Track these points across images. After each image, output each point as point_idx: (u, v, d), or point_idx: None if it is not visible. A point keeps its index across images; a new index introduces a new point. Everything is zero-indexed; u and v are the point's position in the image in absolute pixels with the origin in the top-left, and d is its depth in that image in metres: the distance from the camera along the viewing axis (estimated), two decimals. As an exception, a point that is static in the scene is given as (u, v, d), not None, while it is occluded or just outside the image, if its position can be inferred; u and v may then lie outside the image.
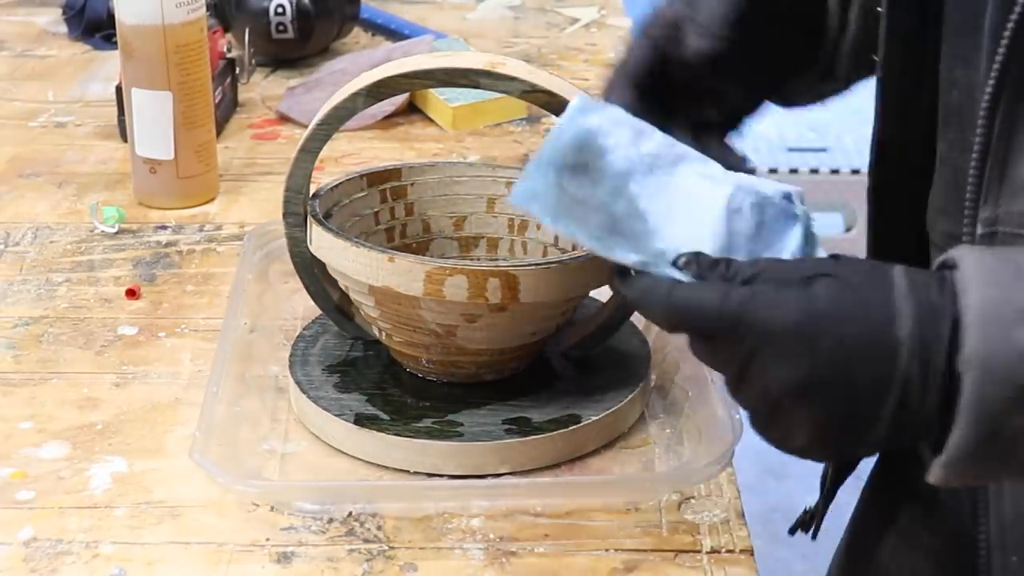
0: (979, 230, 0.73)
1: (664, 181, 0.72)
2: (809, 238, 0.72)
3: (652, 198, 0.71)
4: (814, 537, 0.93)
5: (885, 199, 0.83)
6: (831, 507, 0.93)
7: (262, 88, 1.52)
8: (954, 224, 0.75)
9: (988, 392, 0.61)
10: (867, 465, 0.82)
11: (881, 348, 0.63)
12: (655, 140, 0.73)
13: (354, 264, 0.86)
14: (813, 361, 0.63)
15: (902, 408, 0.63)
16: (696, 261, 0.67)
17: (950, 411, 0.62)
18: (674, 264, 0.66)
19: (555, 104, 0.85)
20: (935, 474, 0.64)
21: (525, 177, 0.71)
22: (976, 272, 0.63)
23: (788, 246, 0.71)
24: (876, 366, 0.63)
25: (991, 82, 0.68)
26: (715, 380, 0.91)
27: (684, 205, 0.71)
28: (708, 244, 0.69)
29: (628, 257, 0.69)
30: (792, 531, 0.95)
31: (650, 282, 0.67)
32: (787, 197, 0.71)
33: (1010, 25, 0.67)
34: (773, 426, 0.66)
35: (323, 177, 1.11)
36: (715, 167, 0.73)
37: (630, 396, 0.90)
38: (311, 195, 0.93)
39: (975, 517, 0.79)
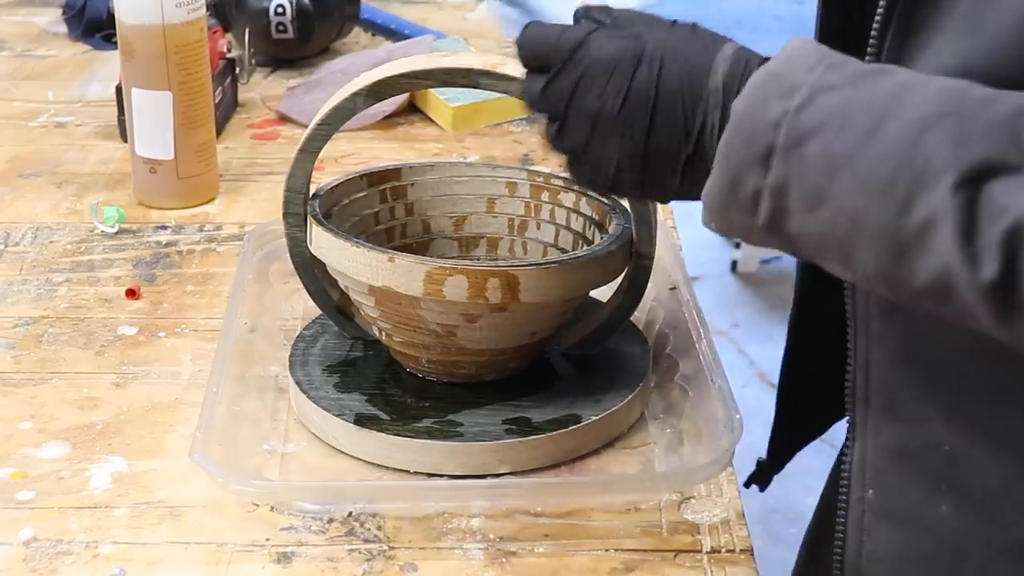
0: None
1: None
2: None
3: None
4: (762, 489, 0.96)
5: None
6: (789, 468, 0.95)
7: (262, 88, 1.52)
8: None
9: (734, 144, 0.67)
10: (840, 434, 0.83)
11: (690, 94, 0.70)
12: None
13: (354, 264, 0.86)
14: (628, 94, 0.71)
15: (697, 153, 0.71)
16: (586, 7, 0.75)
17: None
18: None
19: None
20: (702, 214, 0.71)
21: None
22: (786, 49, 0.69)
23: None
24: (682, 109, 0.70)
25: (877, 23, 0.72)
26: (715, 380, 0.91)
27: None
28: None
29: None
30: (747, 484, 0.97)
31: (530, 25, 0.75)
32: None
33: None
34: (589, 153, 0.73)
35: (323, 177, 1.11)
36: None
37: (630, 396, 0.90)
38: (311, 195, 0.93)
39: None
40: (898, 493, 0.79)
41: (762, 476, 0.98)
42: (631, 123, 0.71)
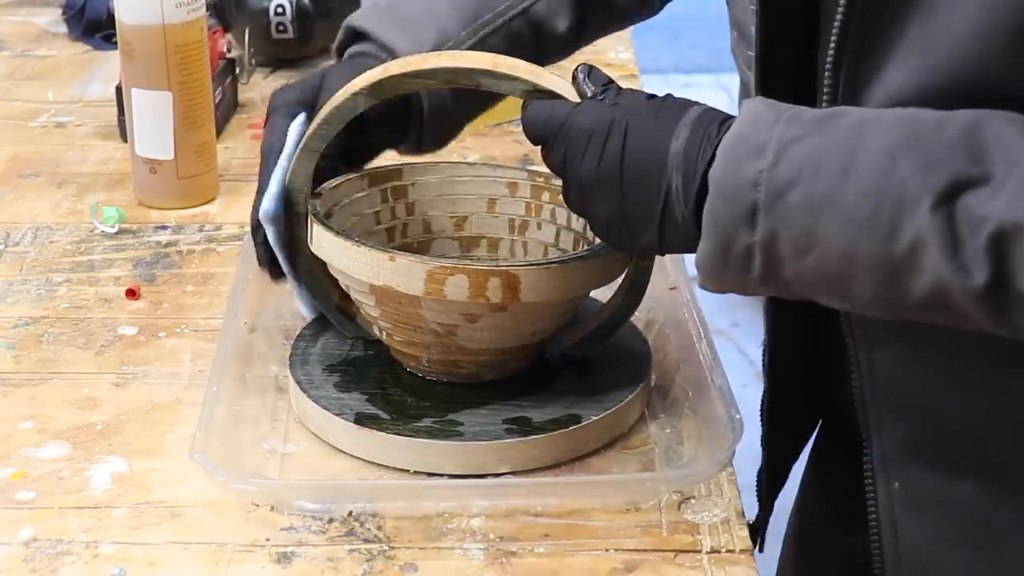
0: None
1: None
2: None
3: None
4: (760, 550, 0.95)
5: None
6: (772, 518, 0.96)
7: (262, 88, 1.52)
8: None
9: (719, 210, 0.72)
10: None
11: (654, 159, 0.75)
12: None
13: (355, 263, 0.86)
14: (601, 160, 0.77)
15: (668, 214, 0.75)
16: (587, 66, 0.83)
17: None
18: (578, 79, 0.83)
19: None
20: (698, 278, 0.76)
21: None
22: (743, 112, 0.74)
23: None
24: (648, 173, 0.75)
25: (832, 45, 0.76)
26: (715, 380, 0.91)
27: None
28: None
29: None
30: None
31: (529, 105, 0.83)
32: None
33: None
34: (585, 209, 0.80)
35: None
36: None
37: (630, 396, 0.90)
38: (312, 195, 0.93)
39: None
40: (922, 482, 0.82)
41: (754, 537, 0.95)
42: (607, 186, 0.77)
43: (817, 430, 0.97)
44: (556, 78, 0.86)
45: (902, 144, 0.69)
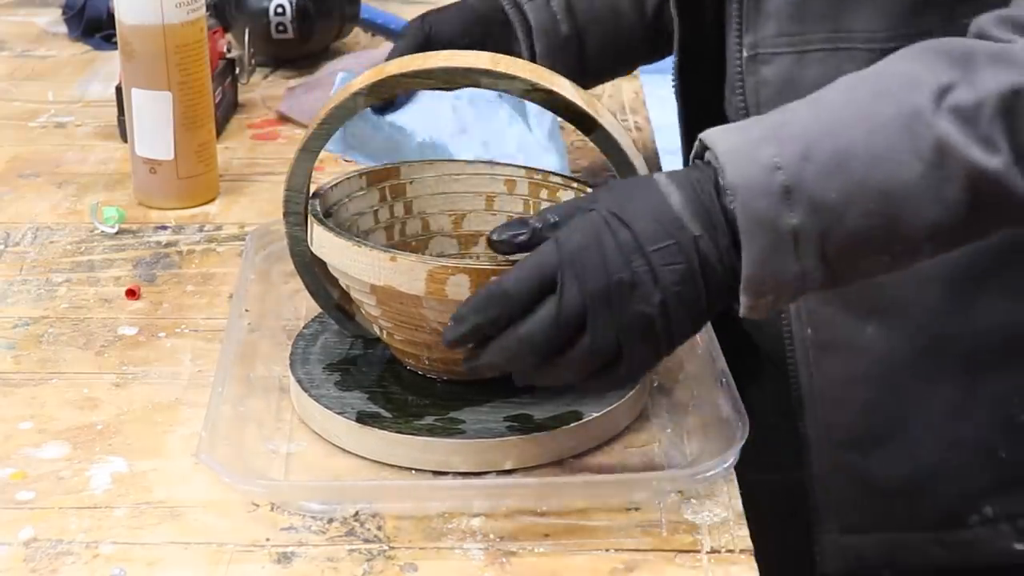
0: (744, 54, 0.95)
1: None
2: (515, 114, 1.08)
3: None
4: None
5: (692, 99, 1.07)
6: None
7: (262, 88, 1.52)
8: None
9: (753, 206, 0.73)
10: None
11: (666, 224, 0.74)
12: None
13: (355, 264, 0.86)
14: (605, 261, 0.73)
15: (705, 265, 0.74)
16: (504, 226, 0.79)
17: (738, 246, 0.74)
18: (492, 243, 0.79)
19: (556, 102, 0.85)
20: (744, 303, 0.75)
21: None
22: (716, 132, 0.77)
23: (498, 116, 1.05)
24: (666, 238, 0.74)
25: None
26: (719, 379, 0.91)
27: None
28: (448, 124, 1.12)
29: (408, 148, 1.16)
30: None
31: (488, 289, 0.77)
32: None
33: None
34: (630, 324, 0.74)
35: (323, 177, 1.11)
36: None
37: (631, 394, 0.90)
38: (311, 194, 0.92)
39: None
40: (832, 326, 0.97)
41: None
42: (639, 277, 0.74)
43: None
44: (554, 76, 0.86)
45: (874, 84, 0.77)
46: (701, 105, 1.06)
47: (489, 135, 1.22)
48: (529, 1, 1.15)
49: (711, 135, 0.77)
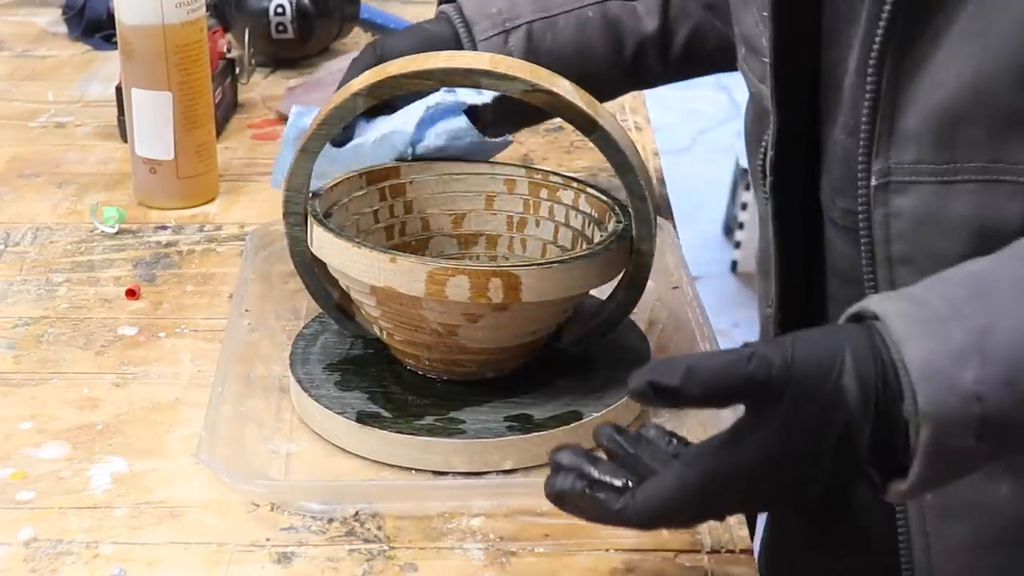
0: (873, 181, 0.80)
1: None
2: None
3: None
4: None
5: (784, 189, 0.91)
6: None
7: (262, 88, 1.52)
8: (850, 201, 0.82)
9: (945, 441, 0.64)
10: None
11: (831, 402, 0.64)
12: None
13: (355, 264, 0.86)
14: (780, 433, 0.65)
15: (845, 444, 0.65)
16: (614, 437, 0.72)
17: (901, 450, 0.65)
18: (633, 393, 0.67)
19: (556, 103, 0.85)
20: (893, 497, 0.67)
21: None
22: (904, 325, 0.65)
23: (453, 124, 0.99)
24: (825, 415, 0.64)
25: (878, 38, 0.75)
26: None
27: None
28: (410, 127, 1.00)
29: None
30: None
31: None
32: (461, 104, 0.99)
33: None
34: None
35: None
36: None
37: (631, 395, 0.90)
38: (311, 195, 0.92)
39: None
40: (955, 487, 0.77)
41: None
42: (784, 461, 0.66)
43: None
44: (554, 76, 0.86)
45: None
46: (791, 192, 0.92)
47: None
48: (484, 40, 1.08)
49: (898, 326, 0.66)
